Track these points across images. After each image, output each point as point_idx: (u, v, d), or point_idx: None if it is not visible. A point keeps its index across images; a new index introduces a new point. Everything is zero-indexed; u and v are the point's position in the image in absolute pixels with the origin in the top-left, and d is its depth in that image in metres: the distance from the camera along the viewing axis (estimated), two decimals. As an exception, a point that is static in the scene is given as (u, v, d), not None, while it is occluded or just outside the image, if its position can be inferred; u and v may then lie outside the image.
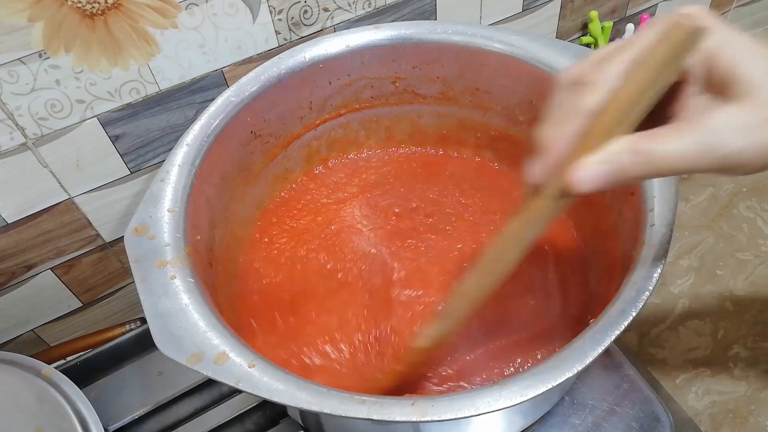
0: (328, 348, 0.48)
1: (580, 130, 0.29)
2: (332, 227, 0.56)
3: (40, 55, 0.45)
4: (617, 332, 0.35)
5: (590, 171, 0.28)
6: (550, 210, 0.31)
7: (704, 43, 0.27)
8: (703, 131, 0.27)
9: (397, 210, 0.57)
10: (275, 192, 0.58)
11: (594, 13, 0.73)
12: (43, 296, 0.60)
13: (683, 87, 0.29)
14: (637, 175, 0.28)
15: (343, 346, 0.48)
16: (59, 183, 0.52)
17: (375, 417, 0.33)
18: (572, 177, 0.28)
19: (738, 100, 0.27)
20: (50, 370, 0.49)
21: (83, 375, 0.54)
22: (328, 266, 0.53)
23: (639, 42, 0.29)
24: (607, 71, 0.29)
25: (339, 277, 0.53)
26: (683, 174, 0.31)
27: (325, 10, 0.55)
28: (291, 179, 0.59)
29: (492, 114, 0.58)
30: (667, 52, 0.27)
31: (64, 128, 0.49)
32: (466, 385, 0.46)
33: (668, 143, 0.27)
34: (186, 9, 0.48)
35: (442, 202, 0.58)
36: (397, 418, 0.32)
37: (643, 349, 0.58)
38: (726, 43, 0.28)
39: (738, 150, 0.27)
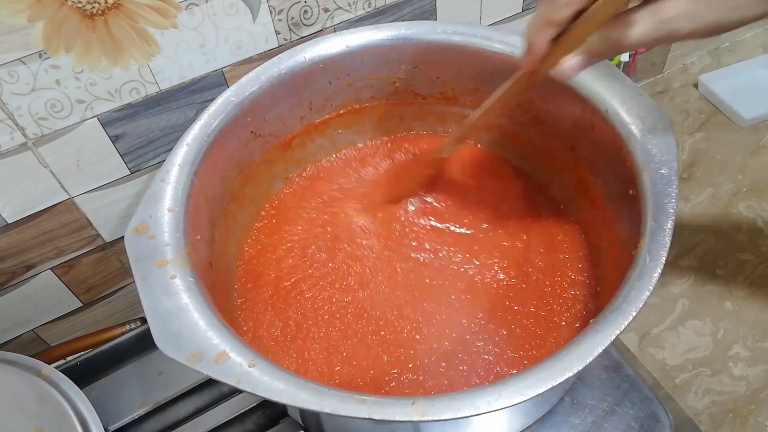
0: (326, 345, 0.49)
1: (555, 34, 0.38)
2: (332, 227, 0.56)
3: (41, 55, 0.45)
4: (617, 332, 0.35)
5: (574, 62, 0.38)
6: (530, 82, 0.43)
7: None
8: (659, 18, 0.35)
9: (397, 209, 0.57)
10: (275, 192, 0.58)
11: (594, 14, 0.73)
12: (43, 296, 0.60)
13: None
14: (608, 56, 0.39)
15: (342, 345, 0.48)
16: (59, 183, 0.52)
17: (375, 417, 0.33)
18: (562, 66, 0.39)
19: None
20: (50, 370, 0.49)
21: (83, 375, 0.54)
22: (329, 265, 0.53)
23: None
24: None
25: (339, 276, 0.53)
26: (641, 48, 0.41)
27: (325, 10, 0.55)
28: (291, 179, 0.59)
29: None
30: None
31: (65, 128, 0.49)
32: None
33: (632, 30, 0.35)
34: (186, 9, 0.48)
35: (442, 200, 0.58)
36: (398, 418, 0.32)
37: (643, 349, 0.58)
38: None
39: (687, 32, 0.35)
